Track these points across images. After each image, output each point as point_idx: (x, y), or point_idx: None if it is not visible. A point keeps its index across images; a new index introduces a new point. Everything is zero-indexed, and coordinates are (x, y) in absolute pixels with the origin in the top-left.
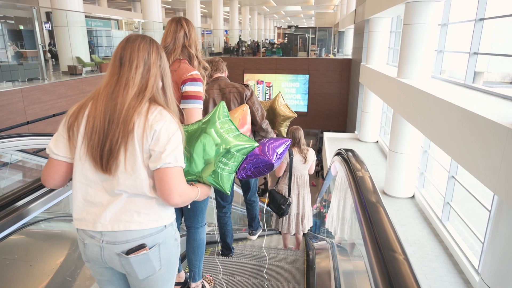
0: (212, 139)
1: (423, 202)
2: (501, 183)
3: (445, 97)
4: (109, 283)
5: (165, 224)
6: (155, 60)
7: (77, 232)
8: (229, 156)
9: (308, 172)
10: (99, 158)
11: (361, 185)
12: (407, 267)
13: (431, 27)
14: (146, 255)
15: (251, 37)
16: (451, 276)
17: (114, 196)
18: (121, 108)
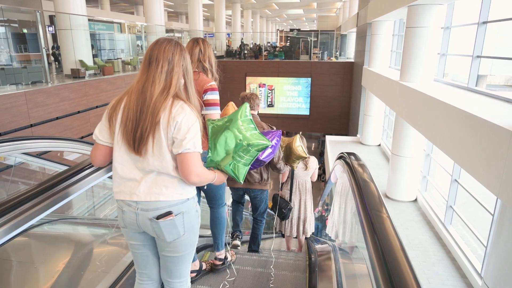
0: (233, 135)
1: (426, 206)
2: (504, 186)
3: (448, 101)
4: (141, 246)
5: (188, 197)
6: (178, 60)
7: (117, 202)
8: (246, 151)
9: (311, 179)
10: (132, 142)
11: (364, 189)
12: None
13: (434, 30)
14: (172, 221)
15: (253, 40)
16: (454, 280)
17: (145, 174)
18: (149, 102)
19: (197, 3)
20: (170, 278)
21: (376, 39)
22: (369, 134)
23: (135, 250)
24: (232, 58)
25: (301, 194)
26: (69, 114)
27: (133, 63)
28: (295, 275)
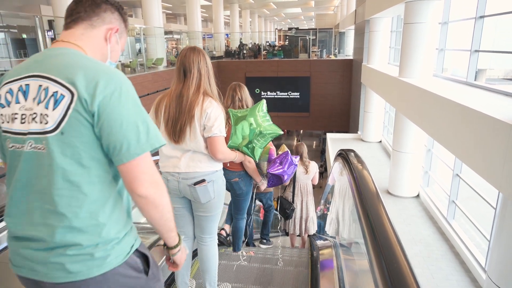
0: (248, 123)
1: (428, 201)
2: (505, 180)
3: (447, 95)
4: (181, 209)
5: (216, 169)
6: (203, 64)
7: (162, 174)
8: (261, 136)
9: (312, 182)
10: (172, 136)
11: (361, 184)
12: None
13: (432, 26)
14: (205, 186)
15: (252, 40)
16: (458, 275)
17: (184, 152)
18: (185, 103)
19: (195, 5)
20: (203, 234)
21: (374, 36)
22: (369, 131)
23: (176, 212)
24: (231, 58)
25: (303, 196)
26: None
27: (132, 65)
28: (299, 270)
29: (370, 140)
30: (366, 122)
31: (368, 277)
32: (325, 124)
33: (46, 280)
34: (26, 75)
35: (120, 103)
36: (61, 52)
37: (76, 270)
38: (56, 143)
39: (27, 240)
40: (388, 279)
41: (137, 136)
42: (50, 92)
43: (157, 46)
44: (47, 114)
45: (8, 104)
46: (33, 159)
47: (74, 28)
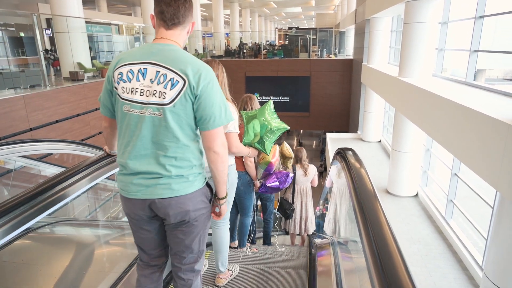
0: (259, 121)
1: (427, 201)
2: (503, 179)
3: (446, 95)
4: None
5: (231, 164)
6: (220, 73)
7: None
8: (271, 132)
9: (311, 184)
10: None
11: (358, 182)
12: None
13: (432, 26)
14: None
15: (252, 39)
16: (456, 273)
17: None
18: None
19: (195, 3)
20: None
21: (374, 35)
22: (369, 131)
23: None
24: (231, 58)
25: (302, 197)
26: (69, 117)
27: None
28: (297, 272)
29: (369, 140)
30: (366, 122)
31: (365, 274)
32: (325, 123)
33: (157, 197)
34: (144, 61)
35: (213, 90)
36: (171, 48)
37: (177, 188)
38: (169, 112)
39: (144, 173)
40: (383, 276)
41: (220, 114)
42: (168, 77)
43: None
44: (165, 92)
45: (129, 80)
46: (153, 121)
47: (174, 30)
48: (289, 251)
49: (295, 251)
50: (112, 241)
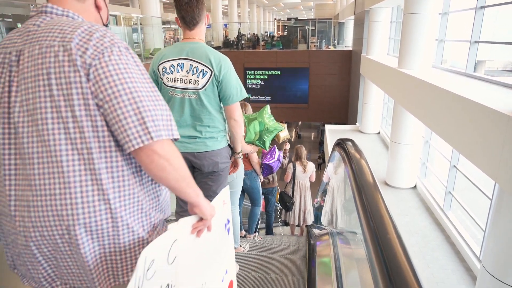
0: (258, 122)
1: (425, 192)
2: (502, 171)
3: (446, 87)
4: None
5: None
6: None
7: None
8: (269, 132)
9: (310, 180)
10: None
11: (358, 172)
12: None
13: (432, 16)
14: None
15: (251, 30)
16: (453, 264)
17: None
18: None
19: None
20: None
21: (374, 26)
22: (368, 122)
23: None
24: (229, 49)
25: (301, 191)
26: None
27: None
28: (297, 258)
29: (368, 132)
30: (365, 113)
31: (364, 264)
32: (324, 115)
33: (196, 151)
34: (180, 57)
35: (231, 75)
36: (197, 45)
37: (210, 145)
38: (203, 95)
39: (187, 137)
40: (384, 267)
41: (236, 93)
42: (199, 69)
43: (155, 36)
44: (198, 81)
45: (172, 72)
46: (190, 101)
47: (195, 30)
48: (288, 241)
49: (294, 241)
50: None
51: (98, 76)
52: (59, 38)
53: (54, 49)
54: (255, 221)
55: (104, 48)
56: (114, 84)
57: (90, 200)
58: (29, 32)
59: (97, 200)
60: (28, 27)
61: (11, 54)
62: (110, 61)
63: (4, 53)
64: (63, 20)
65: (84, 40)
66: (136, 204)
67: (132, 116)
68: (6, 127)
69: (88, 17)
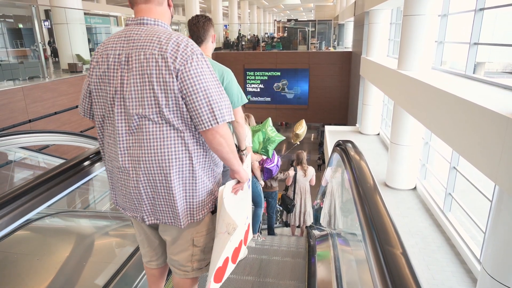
0: (261, 133)
1: (425, 194)
2: (502, 172)
3: (445, 88)
4: None
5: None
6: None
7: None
8: (271, 141)
9: (310, 183)
10: None
11: (358, 174)
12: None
13: (431, 18)
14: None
15: (251, 31)
16: (454, 266)
17: None
18: None
19: None
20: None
21: (373, 28)
22: (368, 124)
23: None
24: (229, 50)
25: (302, 194)
26: (68, 108)
27: None
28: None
29: (368, 133)
30: (365, 114)
31: (364, 265)
32: (324, 116)
33: None
34: None
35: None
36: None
37: None
38: None
39: None
40: (385, 268)
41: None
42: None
43: None
44: None
45: None
46: None
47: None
48: (288, 242)
49: (294, 242)
50: (112, 232)
51: (183, 78)
52: (157, 48)
53: (155, 56)
54: (258, 221)
55: (188, 56)
56: (193, 83)
57: (180, 157)
58: (133, 40)
59: (185, 159)
60: (130, 35)
61: (121, 56)
62: (192, 67)
63: (114, 54)
64: (157, 30)
65: (174, 50)
66: (207, 164)
67: (204, 106)
68: (121, 106)
69: (164, 15)
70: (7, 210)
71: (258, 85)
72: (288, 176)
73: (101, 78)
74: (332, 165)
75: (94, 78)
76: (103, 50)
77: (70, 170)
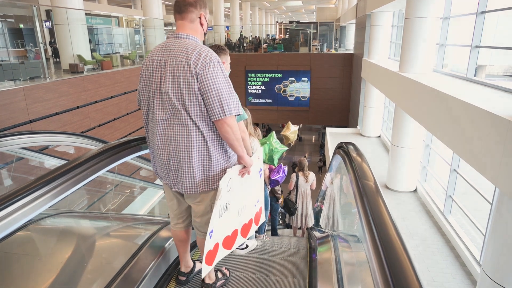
0: (267, 146)
1: (426, 196)
2: (502, 175)
3: (446, 91)
4: None
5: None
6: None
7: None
8: (275, 152)
9: (311, 188)
10: None
11: (360, 176)
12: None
13: (433, 21)
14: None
15: (252, 33)
16: (454, 268)
17: None
18: None
19: None
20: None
21: (375, 30)
22: (369, 126)
23: None
24: (231, 51)
25: (303, 198)
26: (69, 109)
27: (131, 57)
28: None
29: (369, 135)
30: (366, 117)
31: (365, 267)
32: (325, 118)
33: None
34: None
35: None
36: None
37: None
38: None
39: None
40: (386, 269)
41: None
42: None
43: (157, 37)
44: None
45: None
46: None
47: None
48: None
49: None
50: (113, 233)
51: (202, 80)
52: (185, 56)
53: (182, 63)
54: (264, 223)
55: (206, 64)
56: (209, 84)
57: (199, 141)
58: (170, 49)
59: (202, 142)
60: (168, 45)
61: (161, 61)
62: (208, 72)
63: (158, 60)
64: (187, 42)
65: (196, 58)
66: (221, 147)
67: (216, 102)
68: (159, 98)
69: (197, 31)
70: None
71: (260, 86)
72: (290, 181)
73: (147, 77)
74: (334, 167)
75: (143, 77)
76: (150, 56)
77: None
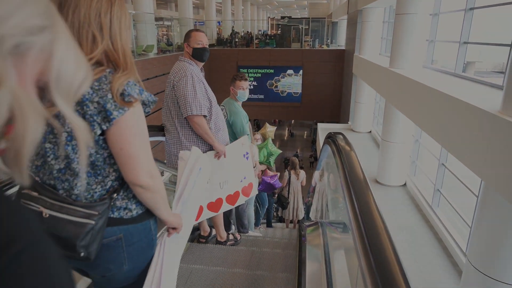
0: (265, 149)
1: (415, 190)
2: (487, 168)
3: (435, 86)
4: None
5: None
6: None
7: None
8: (271, 154)
9: (301, 184)
10: None
11: (348, 165)
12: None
13: (423, 17)
14: None
15: (244, 28)
16: (440, 259)
17: None
18: None
19: None
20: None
21: (366, 26)
22: (360, 121)
23: None
24: (223, 47)
25: (295, 194)
26: None
27: None
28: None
29: (360, 130)
30: (357, 112)
31: (351, 252)
32: (316, 114)
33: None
34: None
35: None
36: None
37: None
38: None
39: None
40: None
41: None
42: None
43: (147, 33)
44: None
45: None
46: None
47: None
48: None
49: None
50: None
51: (176, 90)
52: (173, 74)
53: (171, 78)
54: (260, 217)
55: (180, 78)
56: (180, 93)
57: (173, 131)
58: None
59: (175, 132)
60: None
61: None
62: (181, 84)
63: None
64: (180, 65)
65: (177, 75)
66: (192, 137)
67: (185, 104)
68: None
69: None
70: None
71: (252, 82)
72: (283, 179)
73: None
74: (322, 160)
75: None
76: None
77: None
